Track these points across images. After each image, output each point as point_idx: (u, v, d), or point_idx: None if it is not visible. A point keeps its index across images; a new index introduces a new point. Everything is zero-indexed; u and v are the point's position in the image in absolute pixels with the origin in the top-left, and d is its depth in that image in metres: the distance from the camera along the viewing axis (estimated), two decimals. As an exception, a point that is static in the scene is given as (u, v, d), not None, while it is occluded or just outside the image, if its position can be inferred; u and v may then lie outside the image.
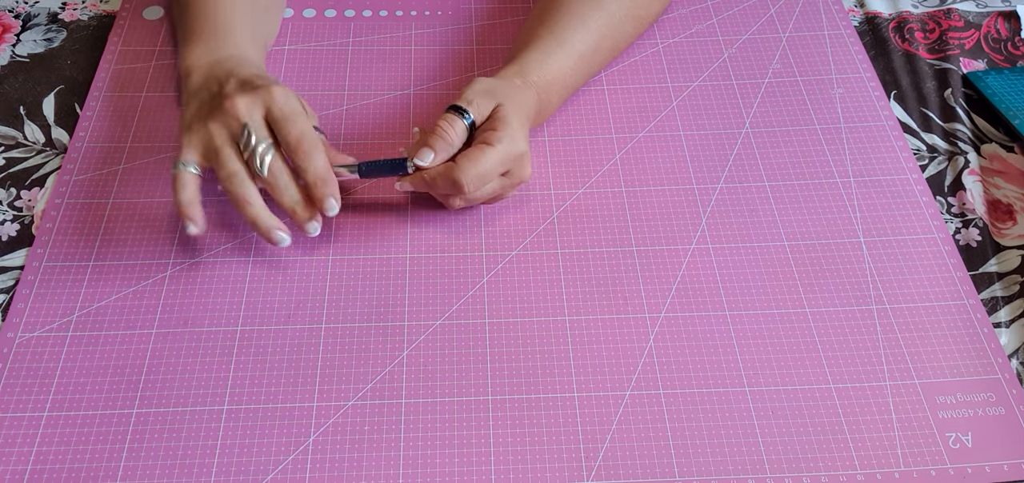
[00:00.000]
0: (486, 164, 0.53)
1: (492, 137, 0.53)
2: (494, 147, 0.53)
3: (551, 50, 0.61)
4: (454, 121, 0.54)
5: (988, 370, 0.53)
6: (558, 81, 0.62)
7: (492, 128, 0.54)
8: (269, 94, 0.53)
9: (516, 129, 0.54)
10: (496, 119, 0.54)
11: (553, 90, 0.61)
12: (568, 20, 0.63)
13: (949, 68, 0.71)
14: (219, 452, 0.48)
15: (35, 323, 0.53)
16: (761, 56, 0.71)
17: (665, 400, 0.51)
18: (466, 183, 0.52)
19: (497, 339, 0.53)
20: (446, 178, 0.53)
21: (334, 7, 0.73)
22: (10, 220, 0.58)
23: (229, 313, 0.54)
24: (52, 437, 0.48)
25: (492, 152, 0.53)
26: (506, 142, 0.53)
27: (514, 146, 0.54)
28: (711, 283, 0.56)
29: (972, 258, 0.59)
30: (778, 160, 0.63)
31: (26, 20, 0.72)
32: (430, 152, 0.53)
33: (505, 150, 0.53)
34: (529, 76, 0.59)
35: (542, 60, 0.61)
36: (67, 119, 0.64)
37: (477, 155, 0.53)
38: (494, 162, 0.53)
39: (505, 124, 0.54)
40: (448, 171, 0.53)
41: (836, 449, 0.49)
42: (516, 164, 0.55)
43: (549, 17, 0.63)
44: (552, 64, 0.61)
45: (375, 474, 0.48)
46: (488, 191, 0.55)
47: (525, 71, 0.60)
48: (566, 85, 0.63)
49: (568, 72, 0.62)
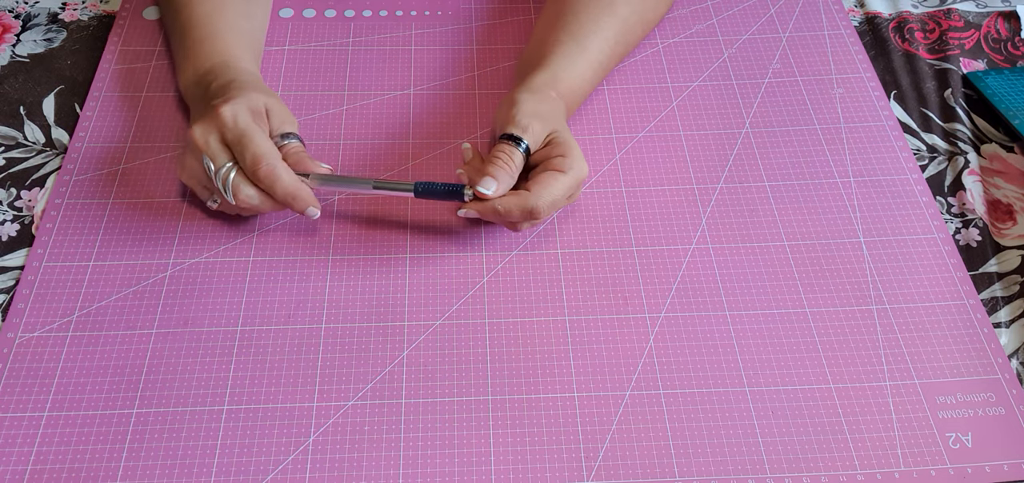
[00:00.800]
0: (559, 190, 0.53)
1: (562, 163, 0.53)
2: (566, 174, 0.53)
3: (575, 57, 0.61)
4: (513, 151, 0.54)
5: (988, 370, 0.53)
6: (581, 89, 0.62)
7: (560, 153, 0.54)
8: (218, 118, 0.53)
9: (579, 153, 0.54)
10: (560, 144, 0.54)
11: (575, 97, 0.61)
12: (587, 26, 0.62)
13: (949, 68, 0.71)
14: (219, 452, 0.48)
15: (35, 323, 0.53)
16: (761, 56, 0.71)
17: (665, 400, 0.51)
18: (543, 209, 0.52)
19: (497, 339, 0.53)
20: (522, 208, 0.52)
21: (334, 7, 0.73)
22: (10, 220, 0.58)
23: (229, 313, 0.54)
24: (52, 437, 0.48)
25: (565, 179, 0.53)
26: (576, 168, 0.54)
27: (581, 171, 0.54)
28: (711, 283, 0.56)
29: (972, 258, 0.59)
30: (778, 160, 0.63)
31: (26, 20, 0.72)
32: (493, 181, 0.52)
33: (575, 177, 0.54)
34: (560, 86, 0.59)
35: (569, 68, 0.61)
36: (67, 119, 0.64)
37: (551, 183, 0.53)
38: (566, 188, 0.53)
39: (570, 149, 0.54)
40: (523, 201, 0.52)
41: (836, 449, 0.49)
42: (579, 186, 0.55)
43: (565, 22, 0.63)
44: (576, 72, 0.61)
45: (375, 474, 0.48)
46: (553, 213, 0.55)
47: (556, 81, 0.59)
48: (585, 92, 0.63)
49: (589, 79, 0.62)
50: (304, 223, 0.58)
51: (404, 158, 0.62)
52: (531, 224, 0.55)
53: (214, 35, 0.61)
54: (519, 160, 0.54)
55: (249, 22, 0.64)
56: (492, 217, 0.54)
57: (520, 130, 0.54)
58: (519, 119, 0.55)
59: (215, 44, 0.60)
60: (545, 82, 0.59)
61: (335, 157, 0.62)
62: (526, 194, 0.52)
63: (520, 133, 0.54)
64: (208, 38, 0.61)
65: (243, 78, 0.57)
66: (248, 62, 0.60)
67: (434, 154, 0.63)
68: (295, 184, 0.53)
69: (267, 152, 0.52)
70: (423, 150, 0.63)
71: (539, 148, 0.55)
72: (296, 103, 0.66)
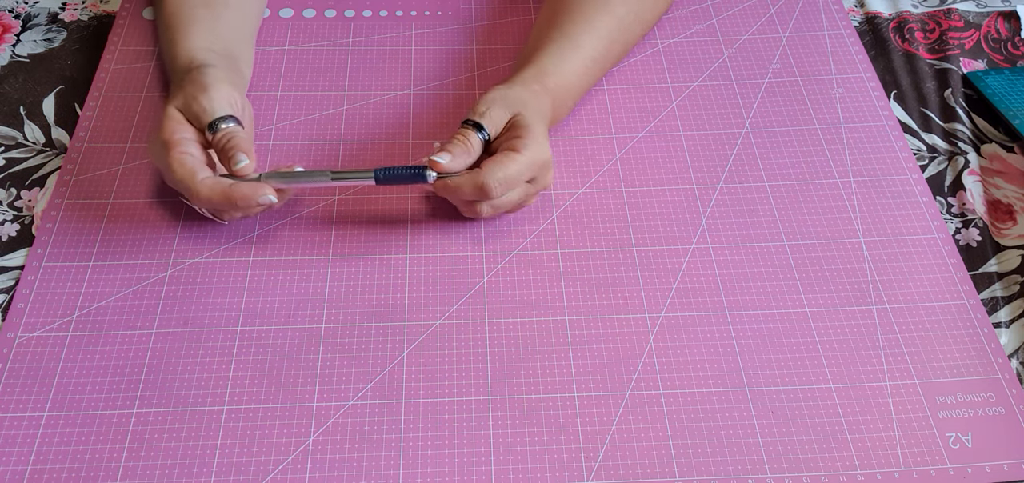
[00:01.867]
0: (512, 168, 0.53)
1: (518, 144, 0.54)
2: (520, 153, 0.53)
3: (566, 53, 0.61)
4: (469, 133, 0.54)
5: (988, 370, 0.53)
6: (573, 85, 0.62)
7: (516, 135, 0.54)
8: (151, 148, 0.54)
9: (540, 136, 0.55)
10: (519, 126, 0.55)
11: (568, 94, 0.61)
12: (581, 24, 0.63)
13: (949, 68, 0.71)
14: (219, 452, 0.48)
15: (35, 323, 0.53)
16: (761, 56, 0.71)
17: (665, 400, 0.51)
18: (492, 186, 0.52)
19: (497, 339, 0.53)
20: (473, 184, 0.53)
21: (334, 7, 0.73)
22: (10, 220, 0.58)
23: (229, 313, 0.54)
24: (52, 437, 0.48)
25: (519, 158, 0.53)
26: (532, 148, 0.54)
27: (539, 152, 0.54)
28: (711, 283, 0.56)
29: (972, 258, 0.59)
30: (778, 160, 0.63)
31: (26, 20, 0.72)
32: (447, 153, 0.53)
33: (531, 157, 0.54)
34: (547, 80, 0.59)
35: (558, 64, 0.61)
36: (67, 119, 0.64)
37: (503, 160, 0.53)
38: (520, 167, 0.53)
39: (529, 131, 0.54)
40: (474, 176, 0.53)
41: (836, 449, 0.49)
42: (540, 171, 0.55)
43: (560, 20, 0.63)
44: (567, 68, 0.61)
45: (375, 474, 0.48)
46: (514, 199, 0.55)
47: (543, 75, 0.59)
48: (579, 89, 0.63)
49: (581, 75, 0.62)
50: (304, 223, 0.58)
51: (404, 158, 0.62)
52: (491, 207, 0.55)
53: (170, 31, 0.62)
54: (475, 142, 0.54)
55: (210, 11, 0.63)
56: (449, 195, 0.55)
57: (478, 116, 0.55)
58: (479, 106, 0.56)
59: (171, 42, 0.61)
60: (531, 75, 0.59)
61: (335, 157, 0.62)
62: (477, 171, 0.53)
63: (478, 118, 0.55)
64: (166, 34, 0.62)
65: (176, 80, 0.57)
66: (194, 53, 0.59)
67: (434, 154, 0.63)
68: (220, 194, 0.51)
69: (181, 179, 0.52)
70: (423, 150, 0.63)
71: (500, 133, 0.55)
72: (296, 103, 0.66)
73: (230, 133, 0.53)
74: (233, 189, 0.52)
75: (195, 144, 0.54)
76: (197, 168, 0.52)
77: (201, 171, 0.52)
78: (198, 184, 0.51)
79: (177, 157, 0.52)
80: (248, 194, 0.52)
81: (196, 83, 0.55)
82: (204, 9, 0.63)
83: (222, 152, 0.53)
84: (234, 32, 0.64)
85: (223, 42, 0.62)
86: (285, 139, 0.63)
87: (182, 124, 0.54)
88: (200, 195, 0.51)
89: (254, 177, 0.53)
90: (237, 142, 0.53)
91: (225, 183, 0.52)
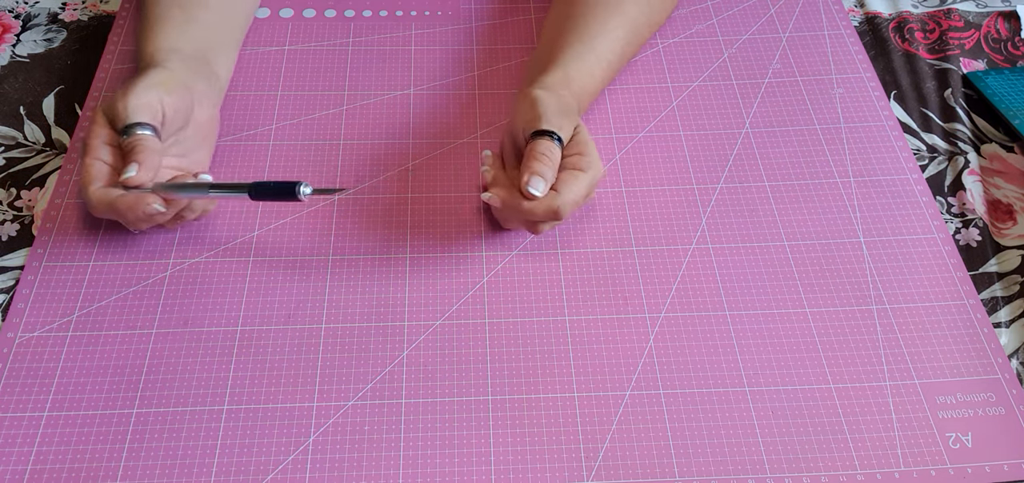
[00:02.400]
0: (581, 190, 0.53)
1: (582, 162, 0.53)
2: (586, 173, 0.53)
3: (585, 57, 0.61)
4: (552, 147, 0.53)
5: (988, 370, 0.53)
6: (592, 90, 0.62)
7: (578, 152, 0.54)
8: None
9: (595, 151, 0.54)
10: (579, 143, 0.54)
11: (586, 97, 0.61)
12: (595, 27, 0.62)
13: (949, 68, 0.71)
14: (219, 452, 0.48)
15: (35, 323, 0.53)
16: (761, 56, 0.71)
17: (665, 400, 0.51)
18: (565, 210, 0.52)
19: (497, 339, 0.53)
20: (547, 209, 0.52)
21: (334, 7, 0.73)
22: (10, 220, 0.58)
23: (229, 313, 0.54)
24: (52, 437, 0.48)
25: (585, 178, 0.53)
26: (594, 167, 0.54)
27: (599, 169, 0.54)
28: (711, 283, 0.56)
29: (972, 258, 0.59)
30: (778, 160, 0.63)
31: (26, 20, 0.72)
32: (541, 180, 0.52)
33: (594, 175, 0.54)
34: (572, 86, 0.59)
35: (580, 68, 0.60)
36: (67, 119, 0.64)
37: (572, 182, 0.52)
38: (586, 187, 0.53)
39: (589, 148, 0.54)
40: (549, 201, 0.52)
41: (836, 449, 0.49)
42: (595, 186, 0.55)
43: (575, 23, 0.63)
44: (586, 71, 0.61)
45: (375, 474, 0.48)
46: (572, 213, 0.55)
47: (569, 80, 0.59)
48: (596, 92, 0.63)
49: (599, 79, 0.62)
50: (304, 223, 0.58)
51: (404, 158, 0.62)
52: (552, 225, 0.55)
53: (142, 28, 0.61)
54: (558, 155, 0.53)
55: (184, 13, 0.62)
56: (514, 217, 0.54)
57: (555, 126, 0.54)
58: (550, 116, 0.54)
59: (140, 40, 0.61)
60: (558, 81, 0.58)
61: (335, 157, 0.62)
62: (553, 194, 0.52)
63: (555, 129, 0.54)
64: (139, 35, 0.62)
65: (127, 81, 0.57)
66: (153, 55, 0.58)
67: (434, 154, 0.63)
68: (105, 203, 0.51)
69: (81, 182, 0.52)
70: (423, 150, 0.63)
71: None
72: (296, 103, 0.66)
73: (134, 140, 0.51)
74: (118, 199, 0.51)
75: (108, 149, 0.52)
76: (96, 176, 0.51)
77: (98, 180, 0.51)
78: (89, 194, 0.51)
79: (85, 162, 0.52)
80: (133, 204, 0.50)
81: (124, 86, 0.54)
82: (177, 9, 0.61)
83: (124, 159, 0.51)
84: (210, 33, 0.62)
85: (194, 44, 0.60)
86: (285, 139, 0.63)
87: (102, 128, 0.53)
88: (90, 204, 0.51)
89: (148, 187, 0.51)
90: (137, 150, 0.51)
91: (113, 193, 0.51)
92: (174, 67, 0.56)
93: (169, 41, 0.59)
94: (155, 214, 0.51)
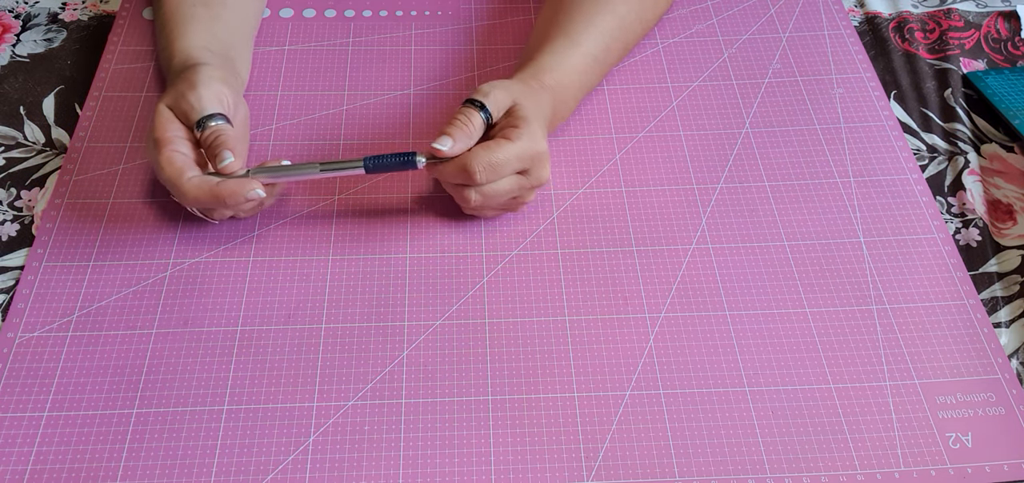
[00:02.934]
0: (500, 154, 0.52)
1: (512, 132, 0.53)
2: (512, 142, 0.53)
3: (565, 52, 0.61)
4: (471, 113, 0.54)
5: (988, 370, 0.53)
6: (573, 84, 0.61)
7: (512, 125, 0.54)
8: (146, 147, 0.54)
9: (535, 128, 0.54)
10: (515, 116, 0.54)
11: (568, 93, 0.61)
12: (580, 23, 0.63)
13: (949, 68, 0.71)
14: (219, 452, 0.48)
15: (35, 323, 0.53)
16: (761, 56, 0.71)
17: (665, 400, 0.51)
18: (477, 170, 0.52)
19: (497, 339, 0.53)
20: (458, 166, 0.52)
21: (334, 7, 0.73)
22: (10, 220, 0.58)
23: (229, 313, 0.54)
24: (52, 437, 0.48)
25: (509, 146, 0.52)
26: (525, 139, 0.53)
27: (533, 144, 0.53)
28: (711, 283, 0.56)
29: (972, 258, 0.59)
30: (778, 160, 0.63)
31: (26, 20, 0.72)
32: (449, 138, 0.52)
33: (524, 146, 0.53)
34: (544, 78, 0.59)
35: (556, 62, 0.60)
36: (67, 119, 0.64)
37: (492, 145, 0.53)
38: (508, 155, 0.52)
39: (525, 121, 0.54)
40: (460, 158, 0.52)
41: (836, 449, 0.49)
42: (534, 163, 0.54)
43: (560, 19, 0.63)
44: (566, 66, 0.61)
45: (375, 474, 0.48)
46: (504, 189, 0.54)
47: (540, 73, 0.59)
48: (581, 87, 0.63)
49: (582, 74, 0.62)
50: (304, 223, 0.58)
51: (404, 158, 0.63)
52: (479, 194, 0.54)
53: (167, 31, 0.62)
54: (478, 122, 0.54)
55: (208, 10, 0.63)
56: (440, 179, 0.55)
57: (481, 95, 0.54)
58: (483, 87, 0.55)
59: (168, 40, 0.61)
60: (528, 74, 0.59)
61: (335, 157, 0.62)
62: (465, 153, 0.52)
63: (481, 98, 0.54)
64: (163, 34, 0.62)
65: (171, 79, 0.57)
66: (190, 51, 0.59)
67: (434, 154, 0.63)
68: (207, 192, 0.51)
69: (169, 177, 0.52)
70: (422, 150, 0.63)
71: (499, 119, 0.55)
72: (296, 103, 0.66)
73: (217, 130, 0.53)
74: (220, 186, 0.51)
75: (185, 142, 0.53)
76: (185, 167, 0.52)
77: (189, 170, 0.52)
78: (185, 183, 0.51)
79: (166, 155, 0.52)
80: (235, 190, 0.51)
81: (187, 80, 0.55)
82: (202, 8, 0.63)
83: (208, 149, 0.53)
84: (231, 32, 0.64)
85: (220, 42, 0.62)
86: (285, 139, 0.63)
87: (172, 122, 0.54)
88: (187, 194, 0.51)
89: (242, 173, 0.53)
90: (224, 139, 0.52)
91: (212, 181, 0.51)
92: (215, 64, 0.58)
93: (200, 39, 0.60)
94: (255, 199, 0.52)
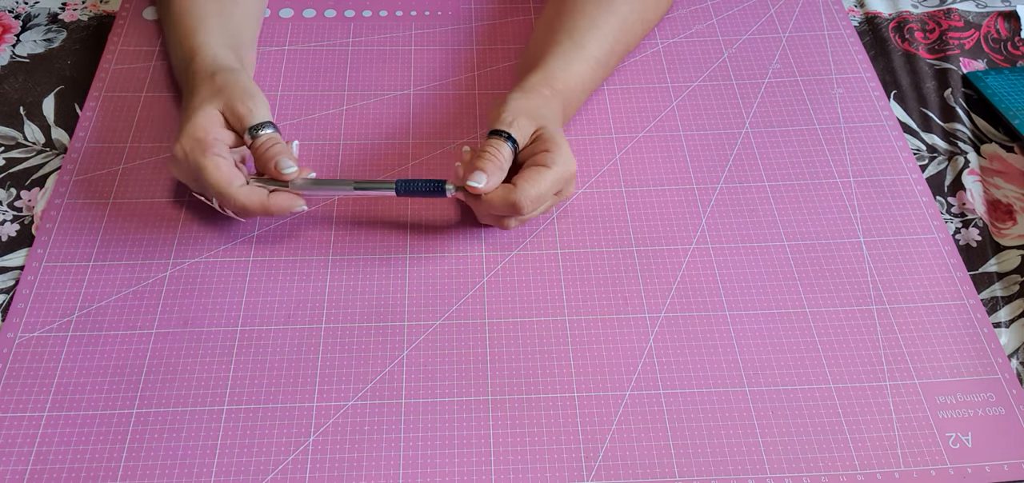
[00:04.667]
0: (544, 185, 0.53)
1: (547, 158, 0.53)
2: (550, 169, 0.53)
3: (571, 56, 0.61)
4: (501, 146, 0.54)
5: (988, 370, 0.53)
6: (579, 87, 0.61)
7: (544, 149, 0.54)
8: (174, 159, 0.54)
9: (565, 148, 0.55)
10: (546, 140, 0.54)
11: (574, 96, 0.61)
12: (584, 24, 0.63)
13: (949, 68, 0.71)
14: (219, 452, 0.48)
15: (35, 323, 0.53)
16: (761, 56, 0.71)
17: (665, 400, 0.51)
18: (525, 205, 0.52)
19: (497, 339, 0.53)
20: (504, 201, 0.53)
21: (334, 7, 0.73)
22: (10, 220, 0.58)
23: (229, 313, 0.54)
24: (52, 437, 0.48)
25: (549, 173, 0.53)
26: (561, 163, 0.54)
27: (567, 166, 0.54)
28: (711, 283, 0.56)
29: (972, 258, 0.59)
30: (778, 160, 0.63)
31: (26, 20, 0.72)
32: (483, 175, 0.52)
33: (560, 171, 0.54)
34: (555, 84, 0.59)
35: (565, 66, 0.60)
36: (67, 119, 0.64)
37: (535, 176, 0.53)
38: (550, 183, 0.53)
39: (557, 145, 0.54)
40: (506, 194, 0.53)
41: (836, 449, 0.49)
42: (567, 183, 0.55)
43: (563, 21, 0.63)
44: (573, 70, 0.61)
45: (375, 474, 0.48)
46: (541, 211, 0.55)
47: (551, 79, 0.59)
48: (585, 90, 0.63)
49: (587, 77, 0.62)
50: (304, 223, 0.58)
51: (404, 158, 0.62)
52: (519, 221, 0.55)
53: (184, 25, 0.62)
54: (507, 154, 0.54)
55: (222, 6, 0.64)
56: (477, 208, 0.55)
57: (507, 126, 0.55)
58: (505, 116, 0.55)
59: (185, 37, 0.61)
60: (539, 81, 0.59)
61: (335, 157, 0.62)
62: (510, 188, 0.53)
63: (507, 129, 0.54)
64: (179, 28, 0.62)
65: (200, 81, 0.56)
66: (215, 50, 0.59)
67: (434, 154, 0.63)
68: (257, 202, 0.52)
69: (218, 182, 0.52)
70: (423, 150, 0.63)
71: (526, 144, 0.55)
72: (296, 103, 0.66)
73: (273, 138, 0.54)
74: (271, 199, 0.53)
75: (225, 147, 0.54)
76: (233, 176, 0.52)
77: (237, 179, 0.53)
78: (236, 192, 0.52)
79: (214, 161, 0.52)
80: (285, 205, 0.53)
81: (236, 86, 0.55)
82: (215, 4, 0.63)
83: (264, 156, 0.54)
84: (241, 32, 0.64)
85: (231, 41, 0.62)
86: (285, 139, 0.63)
87: (219, 126, 0.54)
88: (237, 202, 0.52)
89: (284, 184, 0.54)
90: (280, 148, 0.54)
91: (262, 193, 0.53)
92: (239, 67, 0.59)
93: (220, 37, 0.61)
94: (300, 212, 0.55)
